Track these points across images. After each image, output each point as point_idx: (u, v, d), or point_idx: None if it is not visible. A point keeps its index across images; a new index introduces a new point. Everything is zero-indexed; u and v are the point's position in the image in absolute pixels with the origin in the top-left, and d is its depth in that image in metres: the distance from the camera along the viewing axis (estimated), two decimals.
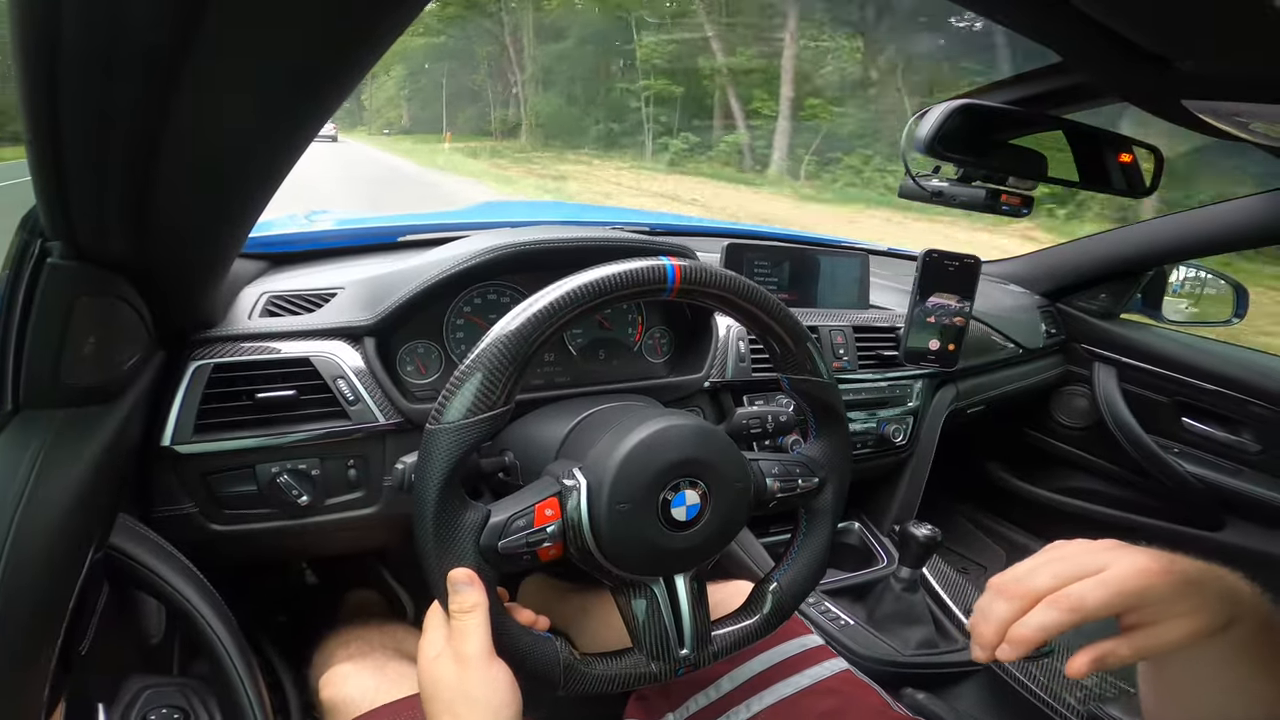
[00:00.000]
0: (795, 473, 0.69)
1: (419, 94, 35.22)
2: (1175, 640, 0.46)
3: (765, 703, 0.75)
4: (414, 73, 33.95)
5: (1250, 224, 1.42)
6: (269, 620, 1.25)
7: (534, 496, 0.59)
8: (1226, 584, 0.48)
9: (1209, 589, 0.46)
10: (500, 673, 0.52)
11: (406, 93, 36.25)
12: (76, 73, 0.36)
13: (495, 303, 0.95)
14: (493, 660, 0.53)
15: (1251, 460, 1.53)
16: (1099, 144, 0.92)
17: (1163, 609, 0.46)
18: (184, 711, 0.64)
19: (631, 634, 0.63)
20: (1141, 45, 0.60)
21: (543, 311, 0.56)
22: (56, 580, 0.49)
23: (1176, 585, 0.46)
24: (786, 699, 0.75)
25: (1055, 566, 0.49)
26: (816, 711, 0.73)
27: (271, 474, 0.80)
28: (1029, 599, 0.48)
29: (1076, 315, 1.75)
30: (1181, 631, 0.46)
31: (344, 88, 0.44)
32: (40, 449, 0.52)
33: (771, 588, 0.69)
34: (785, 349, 0.68)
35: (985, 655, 0.49)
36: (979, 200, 0.94)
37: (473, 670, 0.52)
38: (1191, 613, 0.46)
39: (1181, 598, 0.46)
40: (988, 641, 0.49)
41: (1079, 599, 0.46)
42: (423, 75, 33.45)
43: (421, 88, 34.56)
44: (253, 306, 0.85)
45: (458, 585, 0.54)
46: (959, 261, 1.29)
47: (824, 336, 1.23)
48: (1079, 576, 0.47)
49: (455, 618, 0.53)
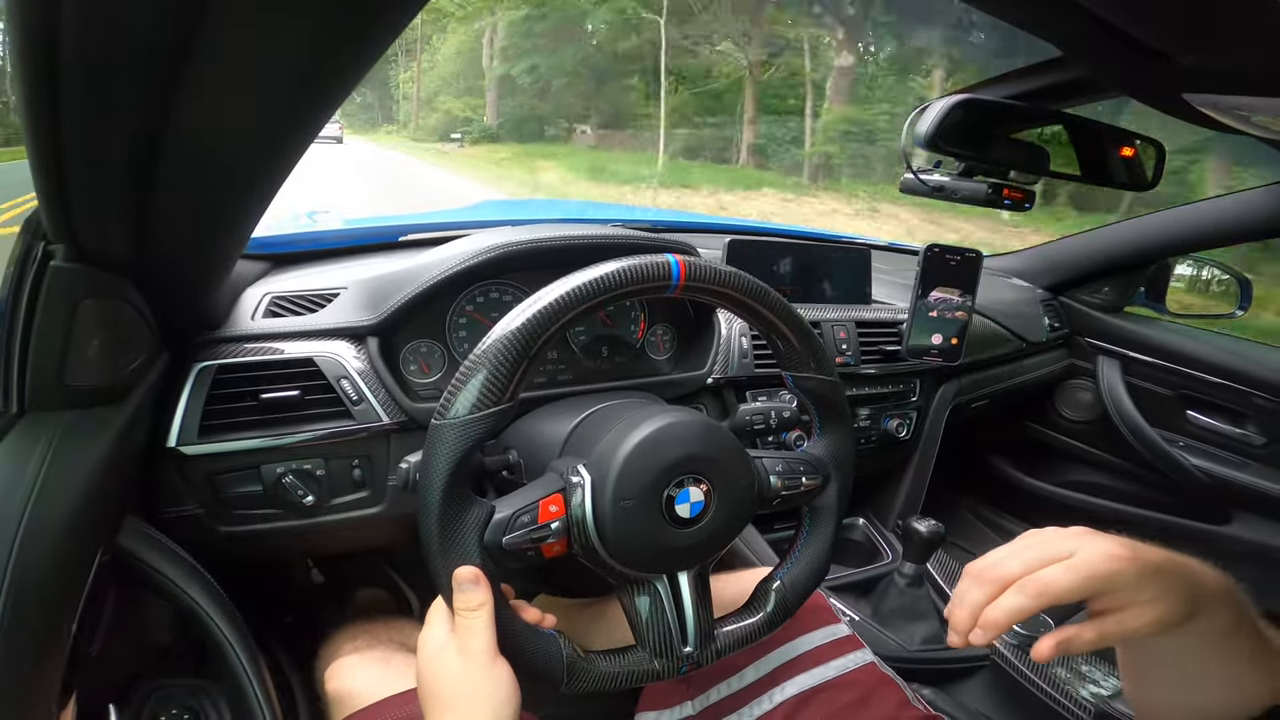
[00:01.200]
0: (799, 470, 0.69)
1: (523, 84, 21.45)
2: (1138, 627, 0.47)
3: (787, 694, 0.75)
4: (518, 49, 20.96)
5: (1253, 217, 1.41)
6: (276, 620, 1.26)
7: (538, 492, 0.59)
8: (1193, 574, 0.49)
9: (1173, 578, 0.48)
10: (503, 671, 0.53)
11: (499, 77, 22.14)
12: (77, 74, 0.36)
13: (498, 301, 0.95)
14: (496, 658, 0.53)
15: (1257, 453, 1.53)
16: (1101, 138, 0.92)
17: (1128, 595, 0.47)
18: (194, 712, 0.64)
19: (635, 631, 0.63)
20: (1142, 40, 0.59)
21: (547, 309, 0.56)
22: (65, 582, 0.49)
23: (1142, 572, 0.47)
24: (809, 690, 0.75)
25: (1026, 554, 0.50)
26: (838, 704, 0.73)
27: (277, 474, 0.80)
28: (1000, 584, 0.49)
29: (1080, 309, 1.75)
30: (1145, 619, 0.47)
31: (345, 86, 0.44)
32: (46, 451, 0.52)
33: (775, 586, 0.69)
34: (789, 346, 0.68)
35: (960, 640, 0.50)
36: (981, 194, 0.94)
37: (476, 667, 0.52)
38: (1156, 600, 0.47)
39: (1147, 585, 0.47)
40: (962, 626, 0.50)
41: (1046, 584, 0.47)
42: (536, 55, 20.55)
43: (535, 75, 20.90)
44: (256, 307, 0.85)
45: (463, 584, 0.54)
46: (960, 256, 1.29)
47: (827, 332, 1.23)
48: (1048, 562, 0.48)
49: (460, 615, 0.53)
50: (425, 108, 27.14)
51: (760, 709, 0.74)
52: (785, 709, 0.74)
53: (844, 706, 0.73)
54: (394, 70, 27.61)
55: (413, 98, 28.27)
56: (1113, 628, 0.47)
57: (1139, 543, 0.49)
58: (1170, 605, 0.47)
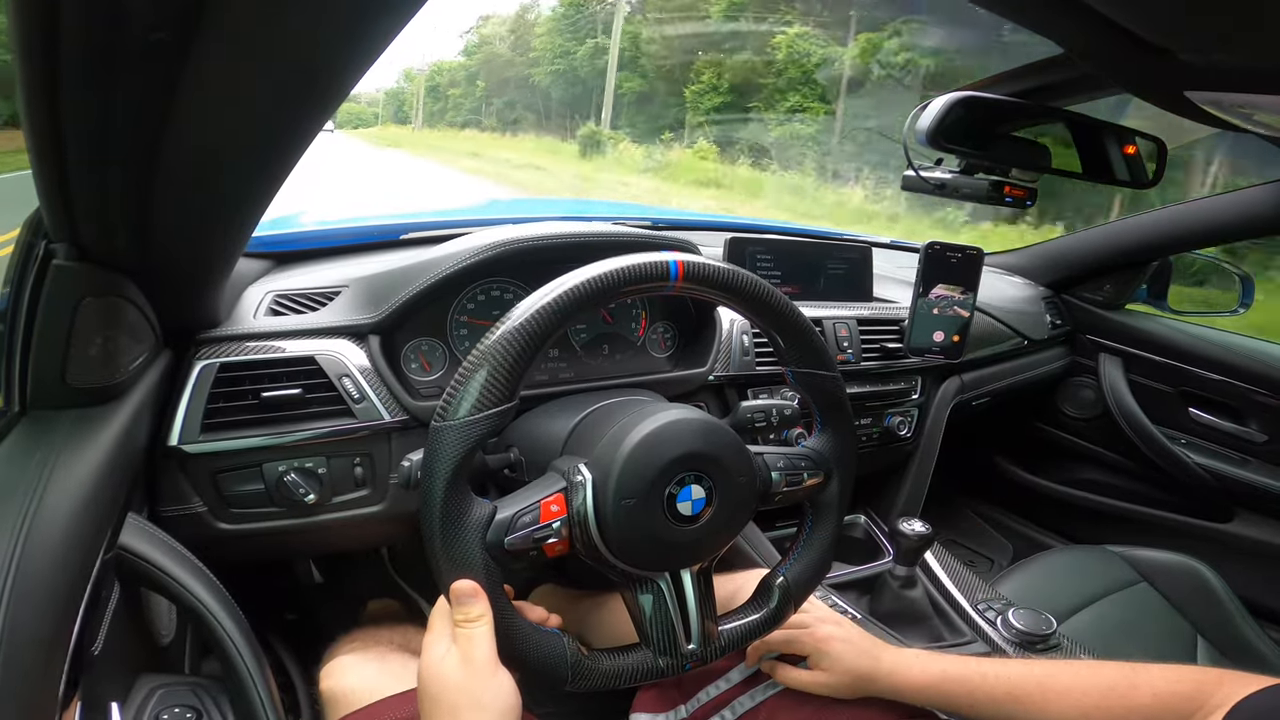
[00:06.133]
0: (801, 466, 0.69)
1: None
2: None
3: (768, 693, 0.75)
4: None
5: (1254, 214, 1.41)
6: (278, 619, 1.26)
7: (540, 492, 0.59)
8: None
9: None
10: (505, 679, 0.53)
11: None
12: (77, 72, 0.36)
13: (499, 299, 0.95)
14: (497, 667, 0.53)
15: (1259, 450, 1.53)
16: (1102, 136, 0.92)
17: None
18: (196, 711, 0.64)
19: (638, 629, 0.63)
20: (1144, 37, 0.59)
21: (545, 309, 0.56)
22: (68, 580, 0.49)
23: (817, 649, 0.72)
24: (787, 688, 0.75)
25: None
26: (822, 699, 0.74)
27: (279, 473, 0.80)
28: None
29: (1081, 306, 1.75)
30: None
31: (345, 85, 0.44)
32: (48, 450, 0.52)
33: (778, 582, 0.69)
34: (790, 342, 0.68)
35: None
36: (982, 191, 0.93)
37: (479, 675, 0.52)
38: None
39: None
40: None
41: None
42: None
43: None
44: (257, 305, 0.85)
45: (462, 597, 0.54)
46: (961, 253, 1.29)
47: (828, 329, 1.23)
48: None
49: (459, 626, 0.54)
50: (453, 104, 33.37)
51: (743, 707, 0.75)
52: (769, 706, 0.74)
53: (830, 701, 0.73)
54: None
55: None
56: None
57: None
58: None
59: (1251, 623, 1.21)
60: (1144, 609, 1.23)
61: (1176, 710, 0.59)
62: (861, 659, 0.71)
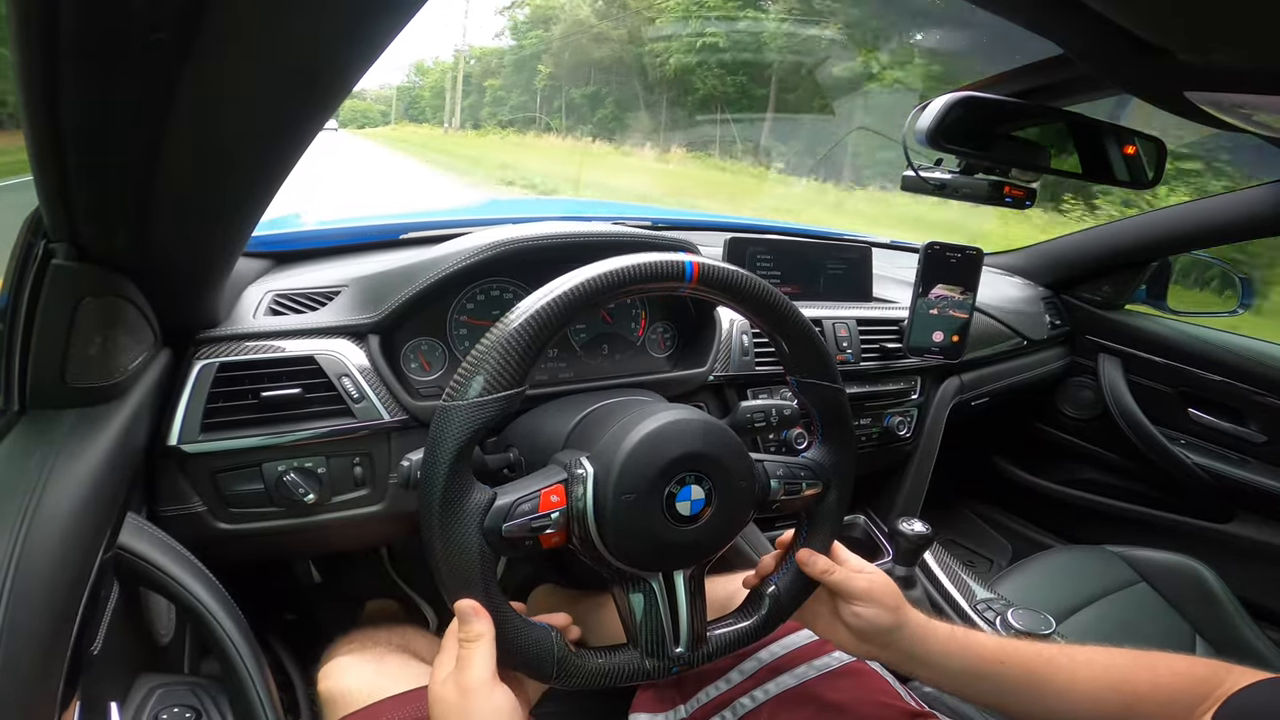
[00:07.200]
0: (800, 476, 0.69)
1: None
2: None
3: (770, 693, 0.75)
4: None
5: (1254, 215, 1.41)
6: (277, 619, 1.26)
7: (540, 482, 0.59)
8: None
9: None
10: (502, 698, 0.53)
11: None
12: (77, 71, 0.36)
13: (498, 299, 0.95)
14: (495, 686, 0.53)
15: (1258, 451, 1.53)
16: (1102, 136, 0.92)
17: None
18: (196, 710, 0.64)
19: (627, 630, 0.63)
20: (1144, 37, 0.59)
21: (563, 297, 0.56)
22: (67, 580, 0.49)
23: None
24: (794, 688, 0.75)
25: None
26: (825, 699, 0.73)
27: (278, 472, 0.80)
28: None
29: (1081, 306, 1.75)
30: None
31: (346, 85, 0.44)
32: (48, 450, 0.52)
33: (769, 590, 0.69)
34: (795, 351, 0.67)
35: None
36: (982, 192, 0.94)
37: (475, 698, 0.52)
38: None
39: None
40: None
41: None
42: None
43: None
44: (257, 305, 0.85)
45: (464, 615, 0.54)
46: (961, 253, 1.29)
47: (828, 329, 1.23)
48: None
49: (461, 646, 0.54)
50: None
51: (744, 708, 0.75)
52: (770, 707, 0.74)
53: (830, 703, 0.73)
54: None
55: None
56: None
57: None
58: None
59: (1250, 623, 1.21)
60: (1143, 609, 1.23)
61: (1193, 692, 0.60)
62: (890, 614, 0.68)
